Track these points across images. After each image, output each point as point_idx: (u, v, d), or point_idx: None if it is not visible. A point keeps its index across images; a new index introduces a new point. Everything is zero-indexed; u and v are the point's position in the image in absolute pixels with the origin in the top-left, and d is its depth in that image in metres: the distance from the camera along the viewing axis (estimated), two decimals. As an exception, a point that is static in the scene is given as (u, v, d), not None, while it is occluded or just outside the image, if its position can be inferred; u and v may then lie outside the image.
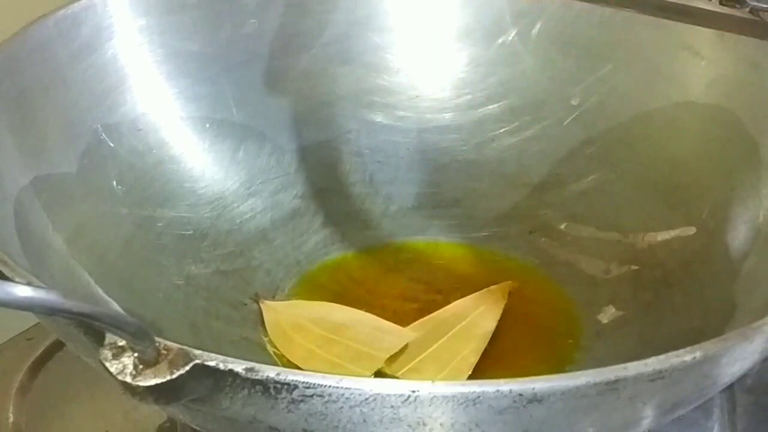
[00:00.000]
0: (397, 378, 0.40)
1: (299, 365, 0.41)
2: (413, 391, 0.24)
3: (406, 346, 0.42)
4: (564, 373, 0.25)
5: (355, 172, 0.50)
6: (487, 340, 0.42)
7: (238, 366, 0.25)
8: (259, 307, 0.44)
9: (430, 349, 0.42)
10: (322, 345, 0.42)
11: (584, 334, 0.43)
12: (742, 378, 0.42)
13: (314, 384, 0.25)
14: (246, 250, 0.47)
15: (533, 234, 0.48)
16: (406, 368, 0.41)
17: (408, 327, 0.43)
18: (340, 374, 0.39)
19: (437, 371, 0.41)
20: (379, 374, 0.40)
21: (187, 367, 0.24)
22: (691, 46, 0.46)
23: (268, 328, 0.43)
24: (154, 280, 0.42)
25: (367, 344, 0.42)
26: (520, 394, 0.25)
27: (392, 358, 0.41)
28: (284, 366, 0.41)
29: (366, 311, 0.44)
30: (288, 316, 0.44)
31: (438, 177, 0.50)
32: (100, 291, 0.37)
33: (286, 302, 0.45)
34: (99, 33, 0.44)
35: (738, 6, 0.43)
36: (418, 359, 0.42)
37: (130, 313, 0.35)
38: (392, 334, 0.42)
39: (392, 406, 0.25)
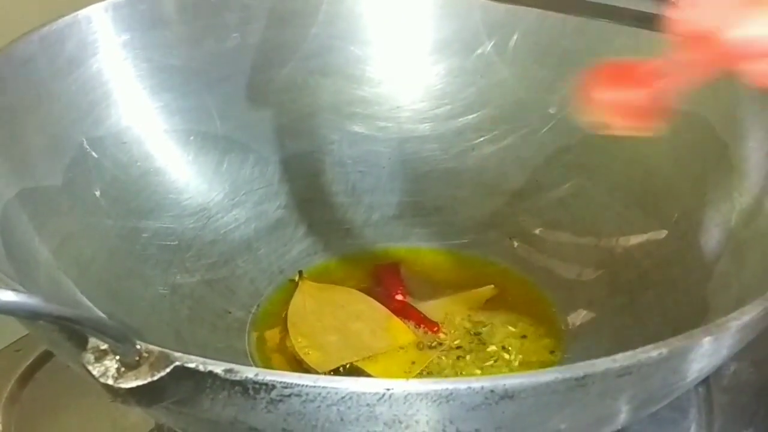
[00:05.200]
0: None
1: (293, 342, 0.43)
2: (387, 389, 0.25)
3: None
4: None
5: (337, 182, 0.51)
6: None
7: (218, 367, 0.25)
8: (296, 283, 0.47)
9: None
10: (322, 331, 0.44)
11: (561, 336, 0.44)
12: (719, 378, 0.43)
13: (292, 384, 0.25)
14: (230, 259, 0.47)
15: (512, 240, 0.49)
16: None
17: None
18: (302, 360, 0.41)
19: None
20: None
21: (168, 369, 0.25)
22: (662, 54, 0.47)
23: (291, 303, 0.45)
24: (140, 290, 0.43)
25: (362, 339, 0.43)
26: (492, 391, 0.25)
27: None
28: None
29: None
30: (315, 300, 0.45)
31: (419, 186, 0.51)
32: (86, 300, 0.38)
33: (321, 285, 0.47)
34: (83, 48, 0.44)
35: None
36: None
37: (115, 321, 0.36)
38: (392, 333, 0.44)
39: (368, 405, 0.26)
